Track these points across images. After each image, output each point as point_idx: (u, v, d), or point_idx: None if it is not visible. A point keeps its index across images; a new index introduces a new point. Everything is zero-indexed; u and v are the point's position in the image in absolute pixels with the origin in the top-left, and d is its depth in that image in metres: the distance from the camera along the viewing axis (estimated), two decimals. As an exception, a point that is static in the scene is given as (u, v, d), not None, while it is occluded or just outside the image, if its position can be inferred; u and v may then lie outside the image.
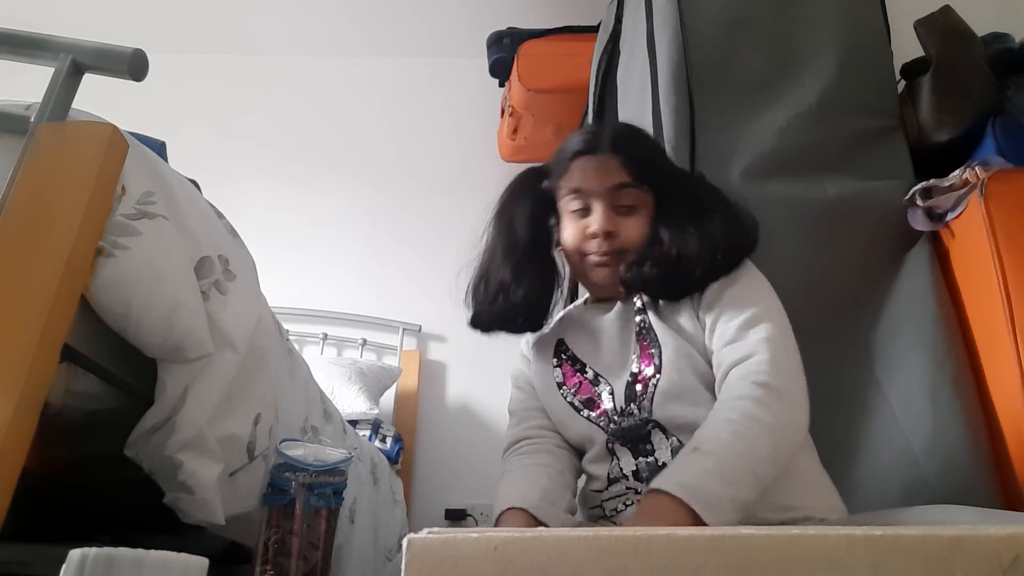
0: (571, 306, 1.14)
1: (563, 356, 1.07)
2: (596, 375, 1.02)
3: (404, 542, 0.32)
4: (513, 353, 1.18)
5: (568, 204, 1.04)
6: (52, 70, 0.84)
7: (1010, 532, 0.31)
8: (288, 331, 1.52)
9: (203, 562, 0.48)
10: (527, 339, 1.15)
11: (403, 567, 0.31)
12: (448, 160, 2.96)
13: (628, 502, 0.92)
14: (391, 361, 2.61)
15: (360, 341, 2.65)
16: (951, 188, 1.28)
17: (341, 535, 1.25)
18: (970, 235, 1.25)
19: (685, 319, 0.97)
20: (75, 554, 0.46)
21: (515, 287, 1.05)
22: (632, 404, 0.96)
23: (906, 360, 1.25)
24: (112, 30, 1.57)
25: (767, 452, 0.80)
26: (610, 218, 1.00)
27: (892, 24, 1.59)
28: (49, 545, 0.72)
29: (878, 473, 1.21)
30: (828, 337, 1.29)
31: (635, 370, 0.97)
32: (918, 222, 1.32)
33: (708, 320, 0.95)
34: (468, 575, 0.31)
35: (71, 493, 0.98)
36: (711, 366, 0.93)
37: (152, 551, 0.46)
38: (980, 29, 1.49)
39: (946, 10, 1.48)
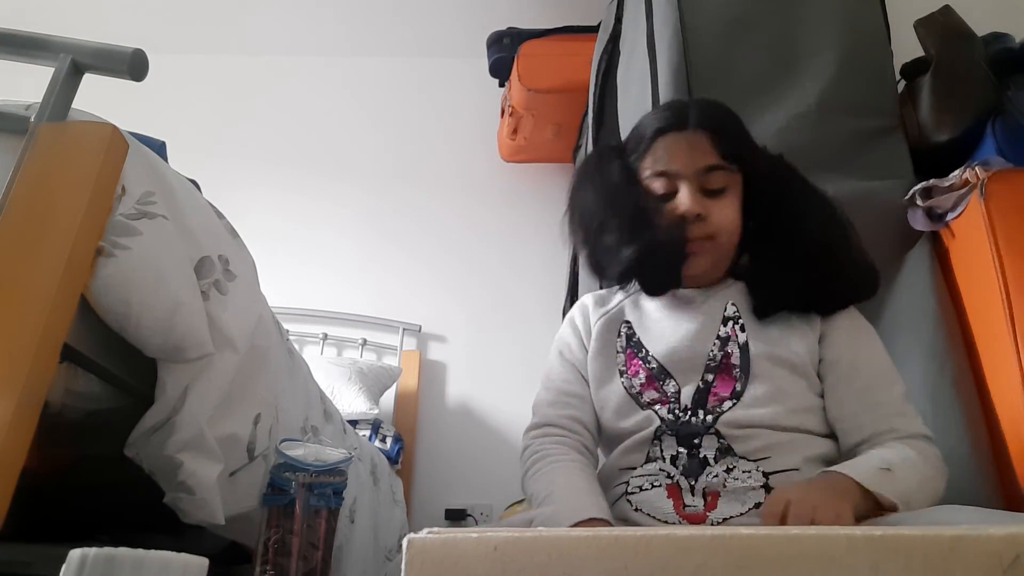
0: (635, 289, 1.04)
1: (629, 340, 0.98)
2: (662, 368, 0.94)
3: (404, 542, 0.32)
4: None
5: (652, 185, 0.96)
6: (52, 70, 0.84)
7: (1010, 532, 0.31)
8: (288, 331, 1.52)
9: (203, 562, 0.48)
10: (589, 308, 1.05)
11: (403, 567, 0.31)
12: (448, 160, 2.96)
13: (656, 483, 0.88)
14: (391, 361, 2.61)
15: (360, 341, 2.65)
16: (951, 188, 1.28)
17: (341, 535, 1.25)
18: (970, 235, 1.25)
19: (796, 342, 0.91)
20: (75, 554, 0.46)
21: (643, 230, 0.93)
22: (701, 410, 0.90)
23: (906, 360, 1.25)
24: (112, 30, 1.57)
25: (938, 485, 0.85)
26: (699, 200, 0.93)
27: (892, 24, 1.59)
28: (49, 545, 0.72)
29: (878, 473, 1.20)
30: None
31: (709, 379, 0.91)
32: (918, 222, 1.32)
33: (840, 357, 0.92)
34: (468, 575, 0.31)
35: (71, 493, 0.98)
36: (802, 400, 0.90)
37: (152, 551, 0.46)
38: (980, 29, 1.50)
39: (946, 10, 1.48)
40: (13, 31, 0.89)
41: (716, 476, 0.86)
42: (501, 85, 2.69)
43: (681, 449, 0.89)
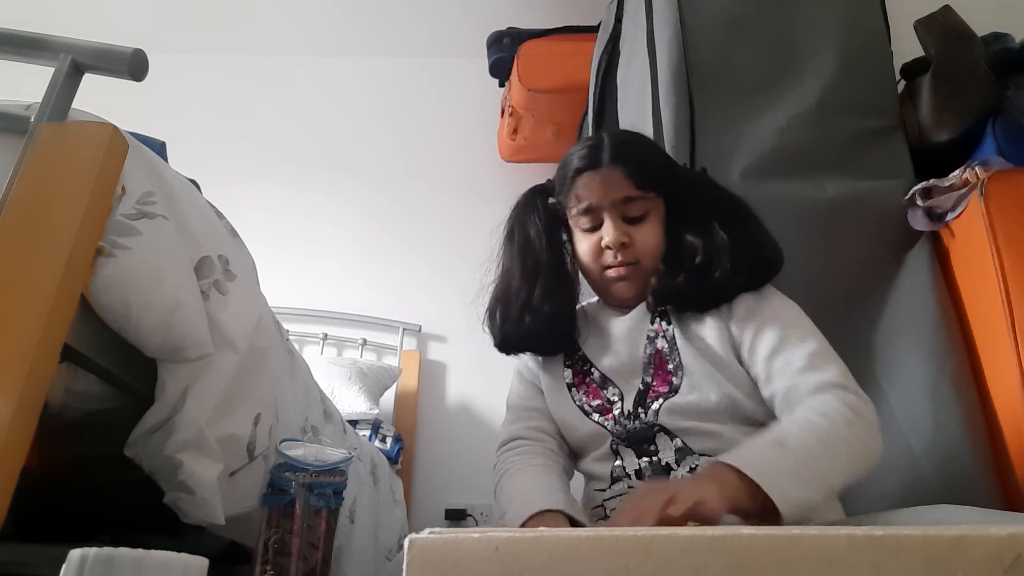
0: (585, 303, 1.12)
1: (575, 355, 1.06)
2: (604, 377, 1.01)
3: (406, 542, 0.32)
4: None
5: (578, 222, 1.04)
6: (52, 70, 0.84)
7: (1011, 532, 0.31)
8: (288, 331, 1.52)
9: (203, 562, 0.48)
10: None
11: (404, 567, 0.31)
12: (448, 160, 2.96)
13: None
14: (391, 361, 2.61)
15: (360, 341, 2.65)
16: (951, 188, 1.28)
17: (341, 535, 1.25)
18: (970, 235, 1.25)
19: (711, 333, 0.96)
20: (75, 554, 0.46)
21: (540, 305, 1.03)
22: (640, 409, 0.96)
23: (906, 360, 1.25)
24: (112, 30, 1.57)
25: (845, 468, 0.80)
26: (622, 229, 1.00)
27: (892, 24, 1.59)
28: (49, 545, 0.72)
29: (878, 473, 1.20)
30: (828, 337, 1.28)
31: (649, 381, 0.97)
32: (918, 222, 1.32)
33: (746, 335, 0.94)
34: (470, 575, 0.31)
35: (71, 493, 0.98)
36: (734, 384, 0.92)
37: (152, 551, 0.46)
38: (980, 29, 1.49)
39: (946, 10, 1.48)
40: (13, 31, 0.89)
41: (682, 479, 0.88)
42: (501, 85, 2.69)
43: (642, 461, 0.93)
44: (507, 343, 1.07)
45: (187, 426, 0.82)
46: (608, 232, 1.00)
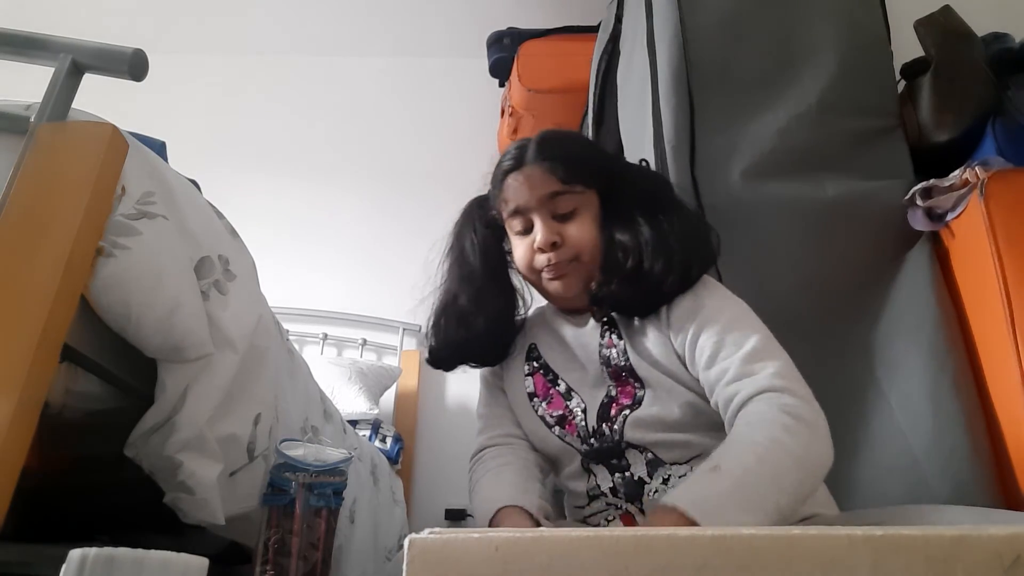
0: (542, 307, 1.09)
1: (535, 363, 1.03)
2: (569, 389, 0.99)
3: (406, 542, 0.32)
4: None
5: (511, 225, 1.01)
6: (52, 70, 0.84)
7: (1011, 532, 0.31)
8: (288, 331, 1.52)
9: (203, 562, 0.48)
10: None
11: (404, 567, 0.31)
12: (448, 160, 2.96)
13: (610, 517, 0.92)
14: (391, 361, 2.61)
15: (360, 341, 2.65)
16: (951, 188, 1.28)
17: (341, 535, 1.25)
18: (970, 235, 1.25)
19: (655, 344, 0.92)
20: (75, 554, 0.46)
21: (475, 317, 1.01)
22: (604, 425, 0.93)
23: (906, 360, 1.25)
24: (112, 30, 1.57)
25: (791, 481, 0.72)
26: (551, 228, 0.96)
27: (892, 24, 1.59)
28: (49, 545, 0.72)
29: (878, 473, 1.21)
30: (828, 337, 1.29)
31: (612, 394, 0.94)
32: (918, 222, 1.32)
33: (686, 346, 0.89)
34: (470, 575, 0.31)
35: (71, 493, 0.98)
36: (694, 392, 0.89)
37: (152, 551, 0.46)
38: (980, 29, 1.49)
39: (946, 10, 1.48)
40: (13, 31, 0.89)
41: (656, 491, 0.87)
42: (501, 85, 2.69)
43: (615, 477, 0.92)
44: (438, 357, 1.05)
45: (187, 426, 0.82)
46: (538, 232, 0.96)
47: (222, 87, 3.11)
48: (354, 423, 2.10)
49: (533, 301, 1.08)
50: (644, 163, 1.11)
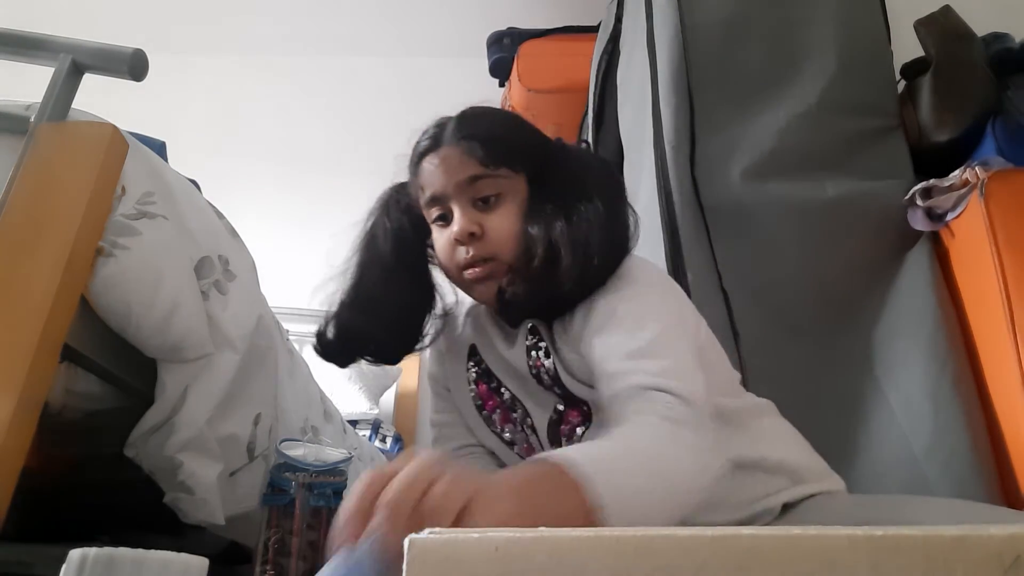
0: (479, 305, 0.94)
1: (479, 368, 0.90)
2: (513, 398, 0.87)
3: (406, 542, 0.32)
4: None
5: (429, 214, 0.88)
6: (52, 70, 0.84)
7: (1011, 532, 0.31)
8: (288, 331, 1.52)
9: (203, 562, 0.48)
10: (439, 336, 0.95)
11: (404, 567, 0.31)
12: (448, 160, 2.96)
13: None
14: (391, 361, 2.61)
15: (360, 341, 2.65)
16: (951, 188, 1.28)
17: (341, 535, 1.25)
18: (970, 235, 1.25)
19: (579, 355, 0.79)
20: (75, 554, 0.46)
21: (378, 305, 0.89)
22: (556, 446, 0.81)
23: (906, 360, 1.25)
24: (112, 30, 1.57)
25: (687, 467, 0.62)
26: (470, 217, 0.82)
27: (892, 24, 1.59)
28: (49, 545, 0.72)
29: (878, 473, 1.21)
30: (828, 337, 1.29)
31: (561, 409, 0.83)
32: (918, 222, 1.32)
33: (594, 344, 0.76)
34: (469, 575, 0.31)
35: (71, 493, 0.98)
36: None
37: (152, 551, 0.46)
38: (980, 29, 1.49)
39: (946, 10, 1.48)
40: (13, 31, 0.89)
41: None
42: (501, 85, 2.69)
43: None
44: (328, 350, 0.92)
45: (187, 426, 0.83)
46: (455, 222, 0.83)
47: (222, 87, 3.11)
48: (354, 423, 2.10)
49: (459, 303, 0.96)
50: (585, 144, 0.97)
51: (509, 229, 0.82)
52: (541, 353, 0.83)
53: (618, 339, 0.74)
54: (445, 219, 0.85)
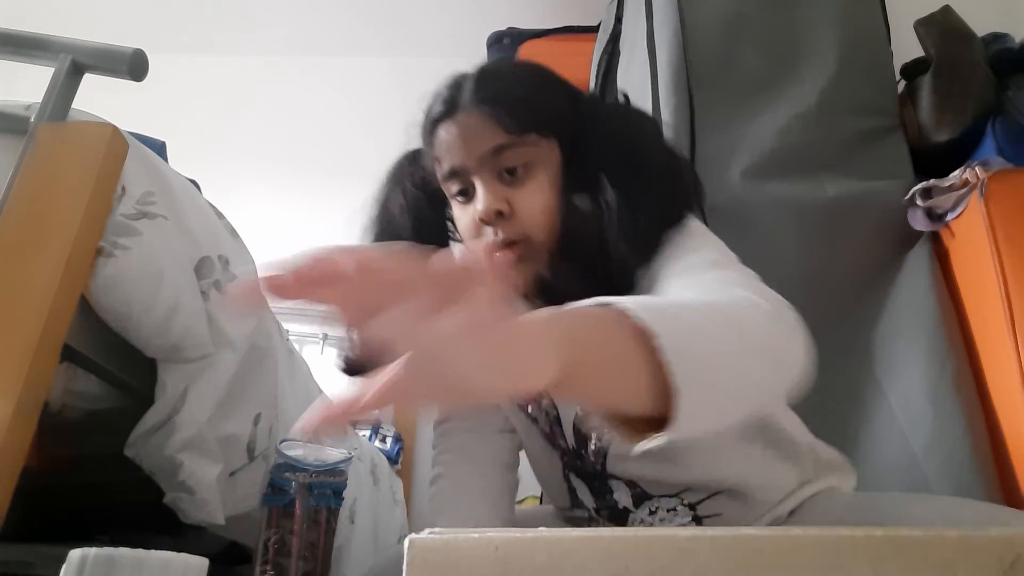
0: None
1: None
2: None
3: (406, 542, 0.32)
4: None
5: (448, 189, 0.76)
6: (52, 70, 0.84)
7: (1012, 532, 0.31)
8: (288, 331, 1.52)
9: (203, 562, 0.48)
10: None
11: (404, 567, 0.31)
12: (448, 160, 2.96)
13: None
14: (391, 361, 2.61)
15: (360, 341, 2.65)
16: (951, 188, 1.28)
17: (341, 535, 1.25)
18: (970, 235, 1.25)
19: None
20: (75, 554, 0.46)
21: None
22: (583, 451, 0.77)
23: (906, 360, 1.25)
24: (112, 30, 1.57)
25: (760, 372, 0.51)
26: (496, 193, 0.71)
27: (892, 24, 1.59)
28: (49, 545, 0.72)
29: (878, 473, 1.21)
30: (828, 337, 1.27)
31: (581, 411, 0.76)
32: (918, 222, 1.32)
33: None
34: (469, 575, 0.31)
35: (71, 493, 0.98)
36: None
37: (152, 551, 0.46)
38: (980, 29, 1.49)
39: (946, 10, 1.48)
40: (13, 31, 0.89)
41: (642, 521, 0.77)
42: (501, 85, 2.69)
43: (597, 498, 0.81)
44: (349, 363, 0.72)
45: (187, 426, 0.83)
46: (479, 199, 0.71)
47: (222, 87, 3.11)
48: (354, 423, 2.10)
49: None
50: (624, 97, 0.86)
51: (542, 204, 0.71)
52: None
53: (692, 280, 0.64)
54: (466, 194, 0.74)
